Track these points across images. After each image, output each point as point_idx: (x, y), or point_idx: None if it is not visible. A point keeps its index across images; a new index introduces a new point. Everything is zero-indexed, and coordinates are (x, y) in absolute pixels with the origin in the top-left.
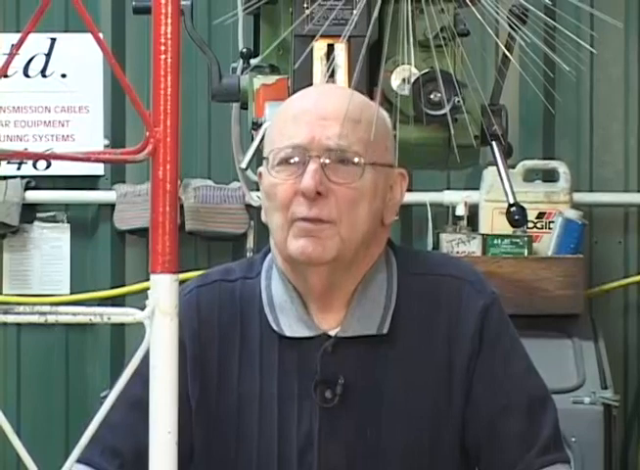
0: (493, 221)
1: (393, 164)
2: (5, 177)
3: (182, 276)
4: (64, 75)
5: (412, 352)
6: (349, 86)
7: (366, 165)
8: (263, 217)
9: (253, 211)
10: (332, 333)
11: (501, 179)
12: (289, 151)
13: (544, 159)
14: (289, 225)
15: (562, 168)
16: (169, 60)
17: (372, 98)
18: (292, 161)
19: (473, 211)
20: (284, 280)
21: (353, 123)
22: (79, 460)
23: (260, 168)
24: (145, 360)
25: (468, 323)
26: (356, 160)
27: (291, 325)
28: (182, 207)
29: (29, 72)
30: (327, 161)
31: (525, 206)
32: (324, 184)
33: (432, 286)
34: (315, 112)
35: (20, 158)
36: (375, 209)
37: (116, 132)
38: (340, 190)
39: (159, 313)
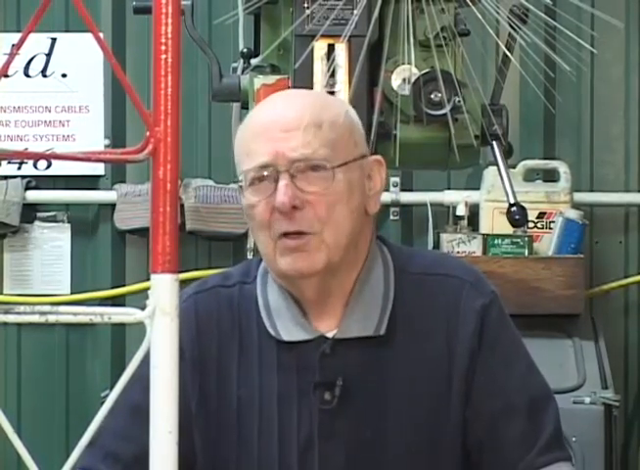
0: (494, 221)
1: (367, 154)
2: (5, 177)
3: (182, 276)
4: (64, 75)
5: (411, 352)
6: (349, 86)
7: (335, 168)
8: (251, 234)
9: None
10: (329, 335)
11: (501, 179)
12: (257, 171)
13: (545, 158)
14: (274, 243)
15: (562, 168)
16: (170, 60)
17: (372, 98)
18: (262, 178)
19: (473, 210)
20: (279, 286)
21: (315, 128)
22: (83, 467)
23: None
24: (145, 365)
25: (467, 323)
26: (324, 164)
27: (288, 329)
28: (182, 207)
29: (30, 72)
30: (296, 173)
31: (525, 205)
32: (298, 197)
33: (430, 286)
34: (275, 125)
35: (20, 158)
36: (355, 206)
37: (117, 132)
38: (314, 198)
39: (159, 313)
